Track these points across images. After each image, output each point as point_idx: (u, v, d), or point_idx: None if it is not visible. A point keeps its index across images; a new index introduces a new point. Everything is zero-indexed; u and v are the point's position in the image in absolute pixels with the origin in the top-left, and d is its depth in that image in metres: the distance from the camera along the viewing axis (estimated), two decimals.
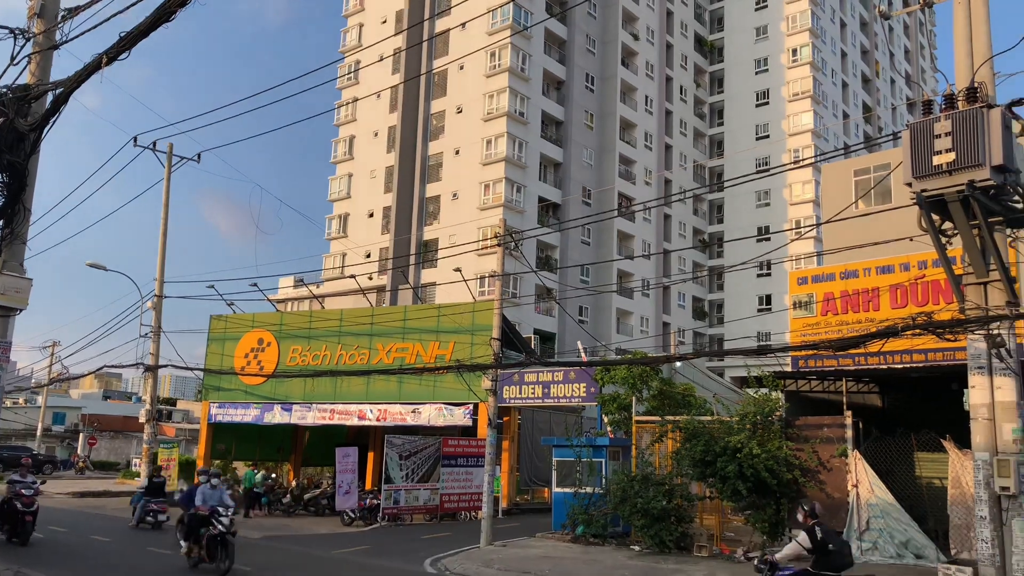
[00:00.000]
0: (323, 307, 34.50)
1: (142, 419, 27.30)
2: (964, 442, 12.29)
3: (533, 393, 26.68)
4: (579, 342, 32.53)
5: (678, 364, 25.77)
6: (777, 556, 9.56)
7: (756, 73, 66.03)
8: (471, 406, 26.04)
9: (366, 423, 28.51)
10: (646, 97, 60.31)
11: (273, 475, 30.15)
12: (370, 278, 48.80)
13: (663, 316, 59.36)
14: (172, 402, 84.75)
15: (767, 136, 63.91)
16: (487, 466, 19.01)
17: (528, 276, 44.66)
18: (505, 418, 28.36)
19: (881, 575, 13.35)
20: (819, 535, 9.26)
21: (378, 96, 55.08)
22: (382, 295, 49.86)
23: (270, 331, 30.29)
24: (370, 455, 30.95)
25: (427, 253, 50.93)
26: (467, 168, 50.70)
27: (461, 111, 52.15)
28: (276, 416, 29.47)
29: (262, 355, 30.08)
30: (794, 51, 63.98)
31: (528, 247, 47.17)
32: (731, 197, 64.51)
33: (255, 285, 26.73)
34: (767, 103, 64.87)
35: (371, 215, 55.85)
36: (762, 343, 45.04)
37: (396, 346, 27.85)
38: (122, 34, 9.09)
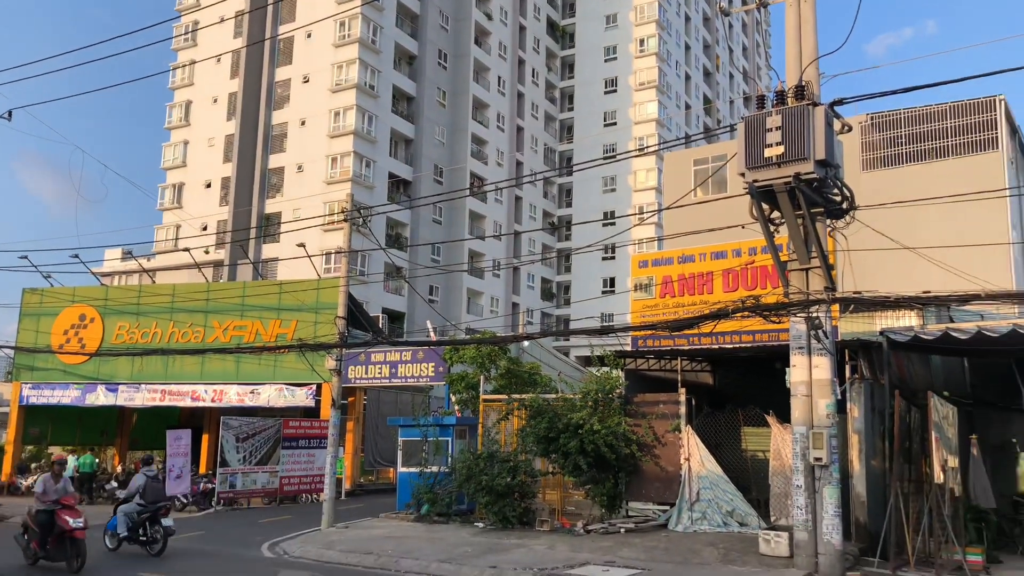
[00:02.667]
0: (154, 281, 32.43)
1: None
2: (785, 417, 13.13)
3: (380, 373, 26.30)
4: (428, 321, 32.39)
5: (526, 344, 26.15)
6: None
7: (605, 61, 67.82)
8: (314, 387, 25.34)
9: (201, 404, 27.15)
10: (499, 78, 60.57)
11: (96, 460, 28.12)
12: (206, 252, 46.36)
13: (513, 296, 60.20)
14: None
15: (615, 123, 65.89)
16: (330, 447, 18.55)
17: (377, 254, 43.86)
18: (350, 399, 27.84)
19: (708, 543, 14.15)
20: None
21: (218, 60, 52.21)
22: (219, 270, 47.57)
23: (94, 306, 28.12)
24: (205, 438, 29.50)
25: (269, 227, 48.96)
26: (314, 140, 49.07)
27: (308, 80, 50.33)
28: (100, 398, 27.46)
29: (84, 332, 27.91)
30: (641, 41, 66.18)
31: (377, 224, 46.33)
32: (580, 182, 66.14)
33: (76, 256, 24.70)
34: (615, 91, 66.81)
35: (208, 185, 53.00)
36: (606, 324, 46.59)
37: (234, 324, 26.60)
38: None
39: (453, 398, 23.88)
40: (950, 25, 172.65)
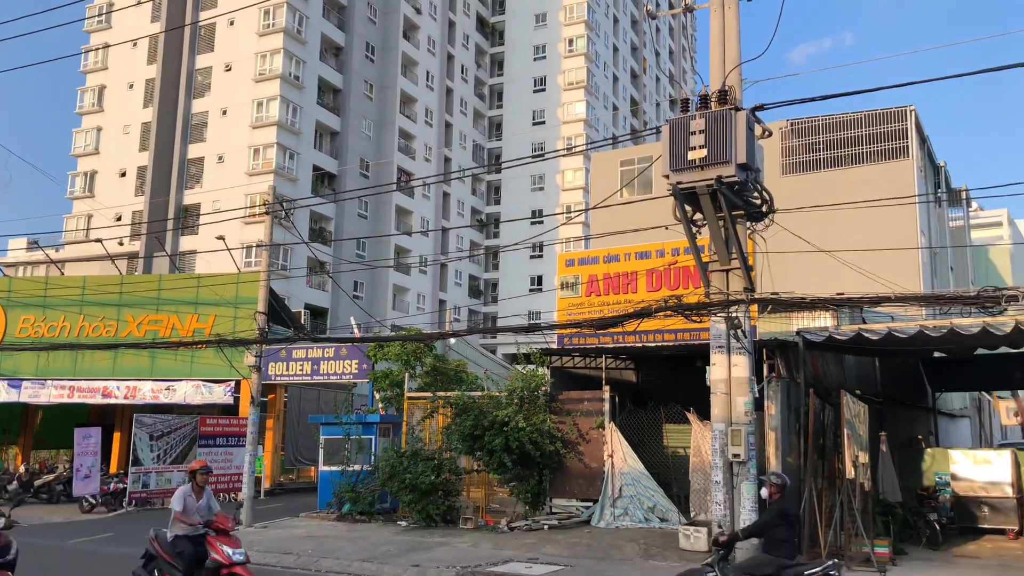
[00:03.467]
0: (63, 273, 31.02)
1: None
2: (706, 414, 13.39)
3: (302, 370, 25.77)
4: (352, 318, 31.90)
5: (452, 341, 25.99)
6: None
7: (535, 59, 68.05)
8: (233, 383, 24.67)
9: (112, 401, 26.10)
10: (427, 72, 60.13)
11: None
12: (120, 243, 44.73)
13: (440, 293, 59.89)
14: None
15: (543, 122, 66.21)
16: (249, 446, 18.09)
17: (299, 248, 43.03)
18: (270, 396, 27.25)
19: (630, 539, 14.33)
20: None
21: (134, 45, 50.29)
22: (134, 262, 45.86)
23: None
24: (116, 436, 28.36)
25: (187, 219, 47.44)
26: (235, 130, 47.74)
27: (230, 69, 48.94)
28: (1, 394, 26.12)
29: None
30: (570, 41, 66.66)
31: (300, 217, 45.44)
32: (508, 179, 66.24)
33: None
34: (544, 89, 67.13)
35: (123, 174, 51.03)
36: (533, 321, 46.81)
37: (149, 318, 25.66)
38: None
39: (377, 396, 23.58)
40: (866, 37, 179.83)
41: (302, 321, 31.71)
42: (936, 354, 20.27)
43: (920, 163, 29.46)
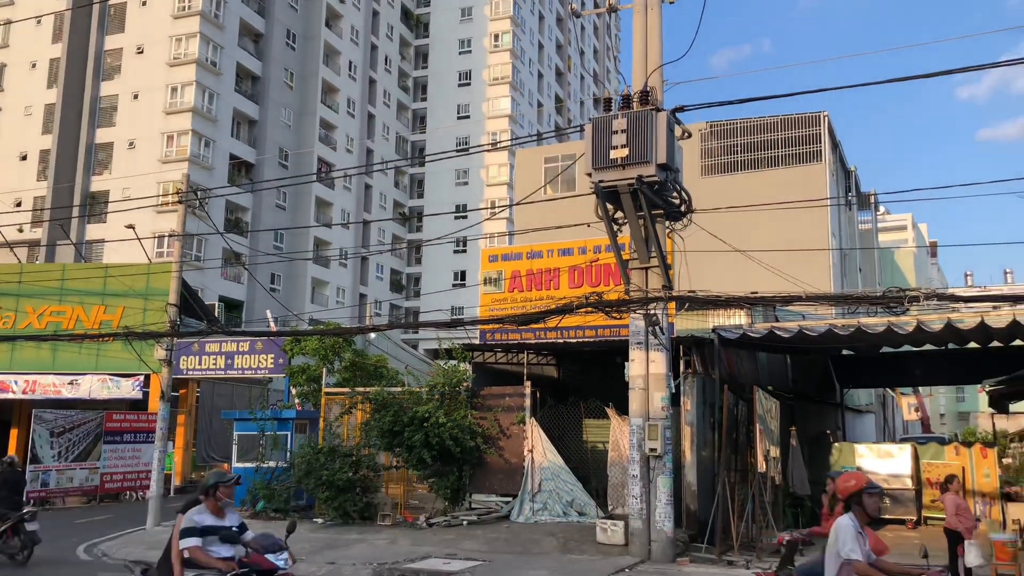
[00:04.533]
0: None
1: None
2: (625, 409, 13.57)
3: (215, 364, 25.00)
4: (269, 311, 31.19)
5: (373, 336, 25.69)
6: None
7: (460, 53, 67.74)
8: (142, 377, 23.76)
9: (9, 396, 24.79)
10: (350, 63, 59.14)
11: None
12: (20, 230, 42.50)
13: (360, 287, 59.06)
14: None
15: (468, 116, 65.98)
16: (158, 442, 17.43)
17: (214, 239, 41.78)
18: (181, 391, 26.41)
19: (548, 533, 14.41)
20: None
21: (38, 22, 47.82)
22: (35, 251, 43.66)
23: None
24: (13, 432, 26.95)
25: (95, 206, 45.44)
26: (147, 116, 45.98)
27: (142, 51, 47.09)
28: None
29: None
30: (496, 36, 66.61)
31: (216, 207, 44.09)
32: (432, 173, 65.80)
33: None
34: (469, 84, 66.91)
35: (24, 158, 48.53)
36: (455, 317, 46.66)
37: (51, 309, 24.45)
38: None
39: (293, 391, 23.10)
40: (783, 44, 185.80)
41: (216, 314, 30.78)
42: (844, 352, 21.10)
43: (832, 167, 30.59)
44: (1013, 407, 22.65)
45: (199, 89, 45.43)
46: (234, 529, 6.92)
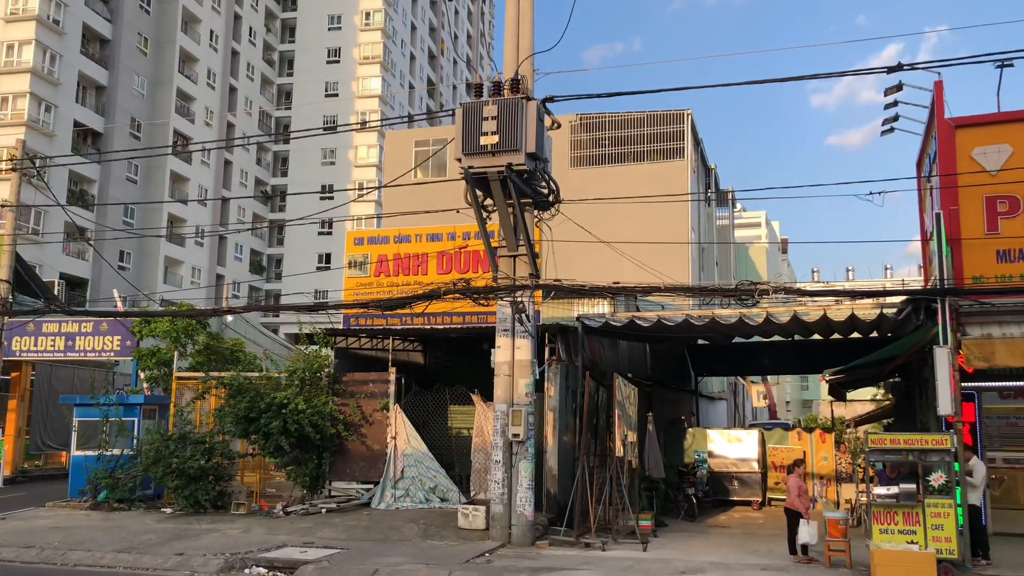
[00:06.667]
0: None
1: None
2: (490, 396, 13.66)
3: (53, 345, 23.19)
4: (116, 290, 29.24)
5: (229, 318, 24.69)
6: None
7: (329, 29, 65.81)
8: None
9: None
10: (212, 32, 56.25)
11: None
12: None
13: (217, 268, 56.52)
14: None
15: (336, 95, 64.26)
16: None
17: (56, 211, 38.75)
18: (14, 374, 24.43)
19: (410, 519, 14.30)
20: None
21: None
22: None
23: None
24: None
25: None
26: None
27: None
28: None
29: None
30: (367, 14, 65.14)
31: (57, 177, 40.94)
32: (297, 151, 63.73)
33: None
34: (338, 61, 65.16)
35: None
36: (319, 301, 45.51)
37: None
38: None
39: (142, 375, 21.83)
40: (652, 43, 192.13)
41: (55, 292, 28.63)
42: (700, 341, 22.11)
43: (694, 164, 31.92)
44: (850, 395, 24.45)
45: (39, 48, 41.94)
46: None
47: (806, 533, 11.30)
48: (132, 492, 16.83)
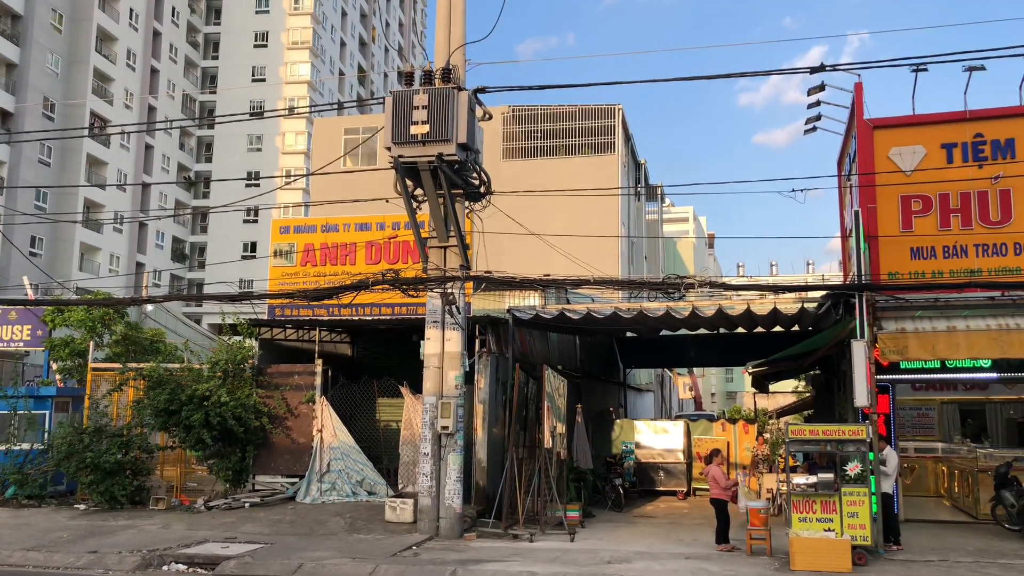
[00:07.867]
0: None
1: None
2: (419, 388, 13.53)
3: None
4: (26, 277, 27.95)
5: (149, 308, 23.92)
6: None
7: (257, 12, 64.07)
8: None
9: None
10: (131, 11, 54.14)
11: None
12: None
13: (137, 255, 54.57)
14: None
15: (264, 80, 62.64)
16: None
17: None
18: None
19: (336, 513, 14.09)
20: None
21: None
22: None
23: None
24: None
25: None
26: None
27: None
28: None
29: None
30: None
31: None
32: (222, 136, 61.94)
33: None
34: (266, 45, 63.50)
35: None
36: (243, 290, 44.42)
37: None
38: None
39: (54, 366, 20.92)
40: (584, 38, 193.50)
41: None
42: (628, 334, 22.39)
43: (624, 159, 32.26)
44: (772, 387, 25.17)
45: None
46: None
47: (744, 501, 11.72)
48: (43, 488, 16.16)
